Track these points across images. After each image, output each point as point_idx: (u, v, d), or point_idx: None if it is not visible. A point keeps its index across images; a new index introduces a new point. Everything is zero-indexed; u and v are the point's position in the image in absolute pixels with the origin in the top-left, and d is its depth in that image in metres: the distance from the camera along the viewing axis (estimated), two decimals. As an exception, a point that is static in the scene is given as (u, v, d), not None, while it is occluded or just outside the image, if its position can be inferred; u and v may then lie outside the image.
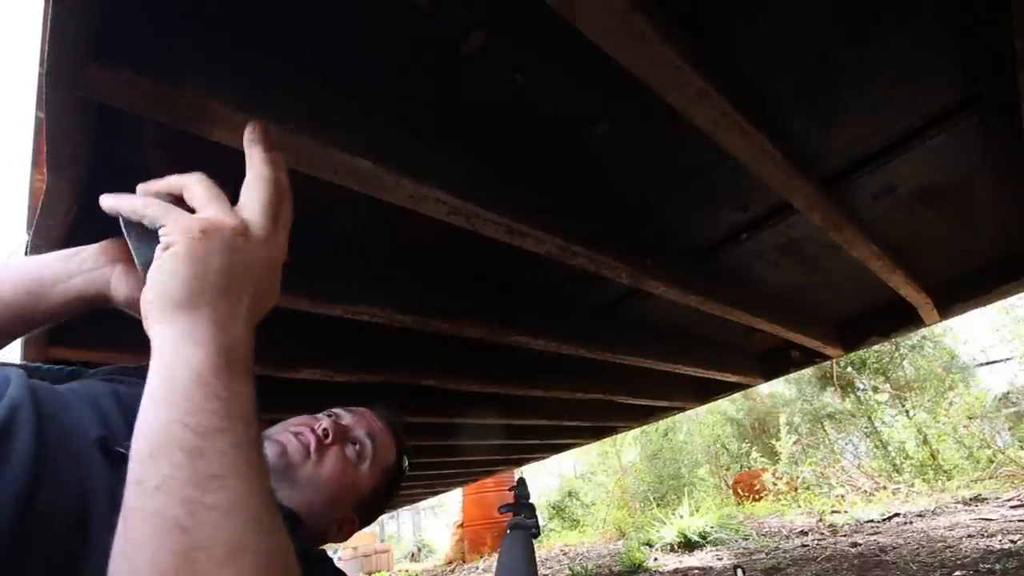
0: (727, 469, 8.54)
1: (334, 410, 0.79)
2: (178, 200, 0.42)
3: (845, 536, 4.31)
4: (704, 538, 5.08)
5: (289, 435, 0.72)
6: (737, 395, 4.80)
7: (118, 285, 0.51)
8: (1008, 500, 4.29)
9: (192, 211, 0.41)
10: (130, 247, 0.42)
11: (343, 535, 0.77)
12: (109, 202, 0.43)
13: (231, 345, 0.36)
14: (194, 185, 0.41)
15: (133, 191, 0.44)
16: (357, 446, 0.76)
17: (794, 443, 6.91)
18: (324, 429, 0.73)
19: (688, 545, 5.07)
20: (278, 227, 0.42)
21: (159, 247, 0.38)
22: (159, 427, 0.32)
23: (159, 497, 0.30)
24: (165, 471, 0.30)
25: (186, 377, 0.33)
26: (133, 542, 0.29)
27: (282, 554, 0.32)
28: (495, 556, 4.43)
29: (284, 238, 0.43)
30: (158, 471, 0.30)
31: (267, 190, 0.42)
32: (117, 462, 0.39)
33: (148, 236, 0.41)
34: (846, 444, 7.62)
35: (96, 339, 1.02)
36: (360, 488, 0.75)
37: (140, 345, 0.39)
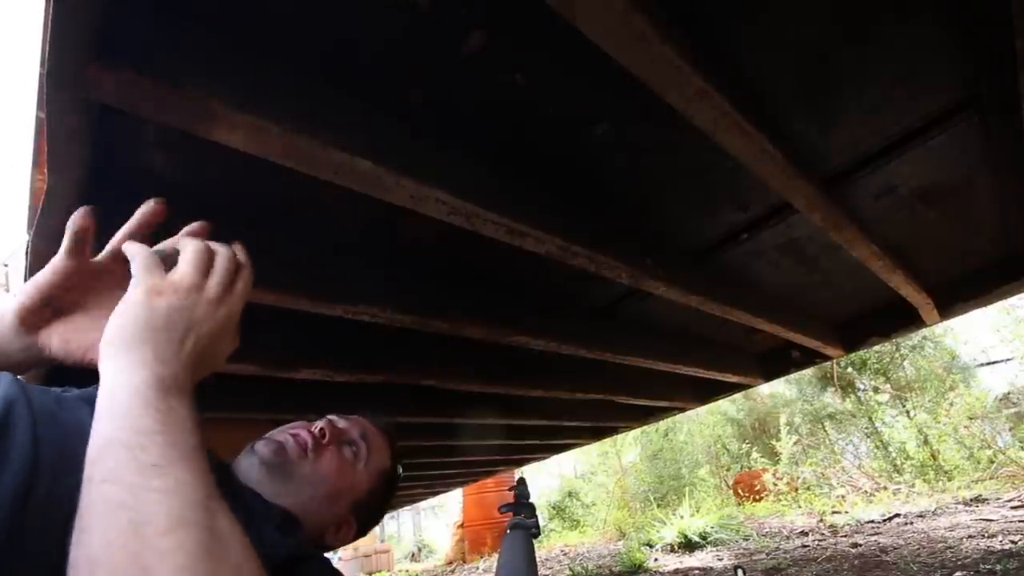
0: (727, 469, 8.53)
1: (329, 416, 0.80)
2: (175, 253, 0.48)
3: (846, 536, 4.30)
4: (704, 538, 5.07)
5: (286, 435, 0.72)
6: (737, 395, 4.79)
7: (56, 344, 0.49)
8: (1009, 500, 4.29)
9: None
10: None
11: (340, 538, 0.77)
12: (129, 249, 0.48)
13: (169, 374, 0.40)
14: (185, 248, 0.47)
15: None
16: (353, 447, 0.76)
17: (794, 443, 6.90)
18: (320, 429, 0.74)
19: (688, 545, 5.06)
20: (231, 294, 0.47)
21: (124, 296, 0.44)
22: (103, 436, 0.35)
23: (105, 487, 0.33)
24: (109, 465, 0.33)
25: (126, 392, 0.37)
26: (86, 531, 0.31)
27: (227, 534, 0.34)
28: (495, 556, 4.44)
29: (236, 304, 0.48)
30: (103, 467, 0.34)
31: (223, 264, 0.48)
32: None
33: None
34: (846, 444, 7.61)
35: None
36: (357, 488, 0.75)
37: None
